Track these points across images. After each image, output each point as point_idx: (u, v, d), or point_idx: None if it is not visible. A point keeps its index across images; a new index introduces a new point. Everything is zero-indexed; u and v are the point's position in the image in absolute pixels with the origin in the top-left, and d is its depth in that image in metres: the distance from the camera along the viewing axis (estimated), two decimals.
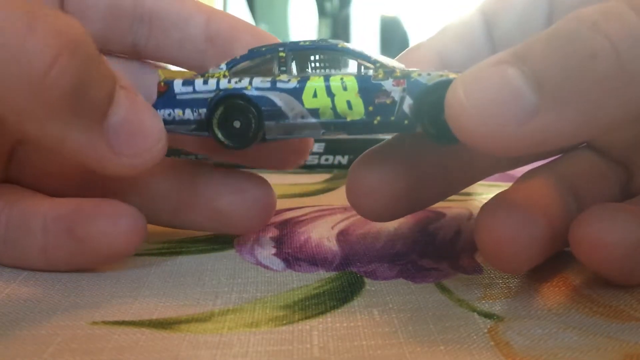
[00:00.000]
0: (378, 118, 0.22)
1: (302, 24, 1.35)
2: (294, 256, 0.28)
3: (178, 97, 0.23)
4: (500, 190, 0.26)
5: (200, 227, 0.28)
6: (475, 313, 0.22)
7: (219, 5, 1.28)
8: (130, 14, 0.28)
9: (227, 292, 0.24)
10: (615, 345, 0.20)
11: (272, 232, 0.31)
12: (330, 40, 0.24)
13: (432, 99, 0.22)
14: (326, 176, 0.44)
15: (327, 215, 0.33)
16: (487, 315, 0.22)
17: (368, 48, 0.30)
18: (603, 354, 0.19)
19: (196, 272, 0.25)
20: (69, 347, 0.19)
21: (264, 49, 0.24)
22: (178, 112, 0.23)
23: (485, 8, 0.28)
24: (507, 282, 0.25)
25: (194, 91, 0.23)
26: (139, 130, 0.21)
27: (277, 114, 0.23)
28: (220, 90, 0.23)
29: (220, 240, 0.29)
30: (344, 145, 0.46)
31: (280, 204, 0.36)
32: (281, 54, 0.23)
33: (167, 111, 0.23)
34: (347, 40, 1.37)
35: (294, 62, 0.24)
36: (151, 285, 0.24)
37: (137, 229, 0.24)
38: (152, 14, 0.28)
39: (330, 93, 0.22)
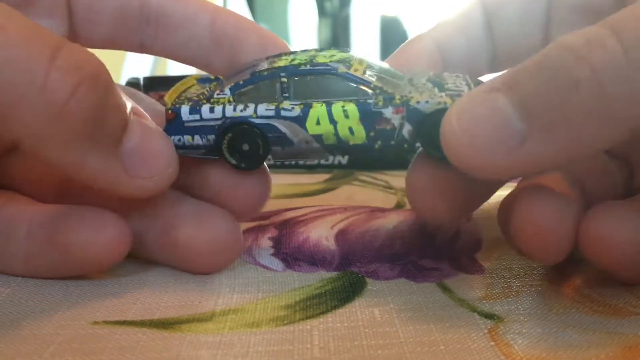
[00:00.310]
0: (379, 142, 0.23)
1: (302, 24, 1.35)
2: (293, 256, 0.28)
3: (186, 124, 0.24)
4: (501, 190, 0.26)
5: (154, 256, 0.26)
6: (476, 313, 0.22)
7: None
8: (137, 15, 0.28)
9: (229, 293, 0.24)
10: (614, 339, 0.20)
11: (272, 232, 0.31)
12: (331, 63, 0.24)
13: (430, 126, 0.23)
14: (326, 176, 0.44)
15: (327, 215, 0.33)
16: (488, 316, 0.22)
17: (368, 49, 0.30)
18: (603, 348, 0.19)
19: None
20: (70, 347, 0.19)
21: (265, 72, 0.24)
22: (187, 138, 0.24)
23: (486, 0, 0.29)
24: (508, 282, 0.25)
25: (201, 119, 0.24)
26: (151, 155, 0.22)
27: (283, 140, 0.24)
28: (227, 118, 0.23)
29: None
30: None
31: (280, 204, 0.36)
32: (283, 79, 0.24)
33: (177, 137, 0.24)
34: (347, 40, 1.37)
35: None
36: (152, 285, 0.24)
37: (122, 238, 0.23)
38: (158, 14, 0.28)
39: (332, 120, 0.23)
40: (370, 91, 0.23)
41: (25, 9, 0.26)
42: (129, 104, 0.22)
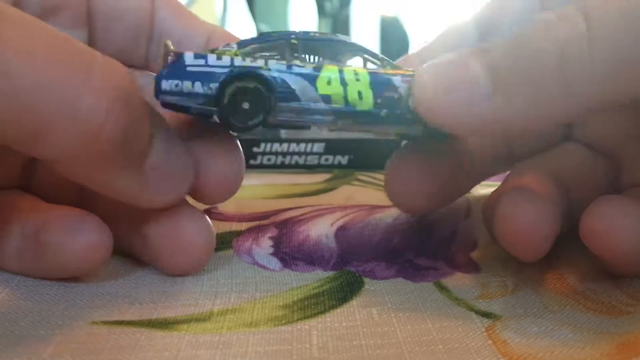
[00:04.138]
0: (385, 111, 0.23)
1: (302, 24, 1.35)
2: (291, 255, 0.28)
3: (188, 68, 0.22)
4: (490, 189, 0.26)
5: (137, 253, 0.26)
6: (473, 312, 0.22)
7: (219, 6, 1.28)
8: (147, 32, 0.28)
9: (227, 292, 0.24)
10: (608, 339, 0.20)
11: (272, 232, 0.31)
12: (339, 35, 0.24)
13: None
14: (326, 176, 0.44)
15: (327, 214, 0.33)
16: (485, 314, 0.22)
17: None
18: (597, 348, 0.19)
19: (195, 272, 0.25)
20: (68, 347, 0.19)
21: (275, 34, 0.24)
22: (187, 84, 0.22)
23: (479, 19, 0.30)
24: (504, 281, 0.25)
25: (206, 64, 0.22)
26: (172, 170, 0.22)
27: (290, 96, 0.23)
28: (235, 67, 0.22)
29: (219, 240, 0.29)
30: (344, 145, 0.46)
31: (280, 204, 0.36)
32: (293, 41, 0.23)
33: (175, 82, 0.22)
34: None
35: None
36: (150, 285, 0.24)
37: (98, 245, 0.23)
38: (162, 32, 0.28)
39: (343, 82, 0.23)
40: (377, 61, 0.24)
41: (47, 19, 0.25)
42: (152, 113, 0.22)
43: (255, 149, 0.46)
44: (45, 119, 0.18)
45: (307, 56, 0.24)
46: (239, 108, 0.22)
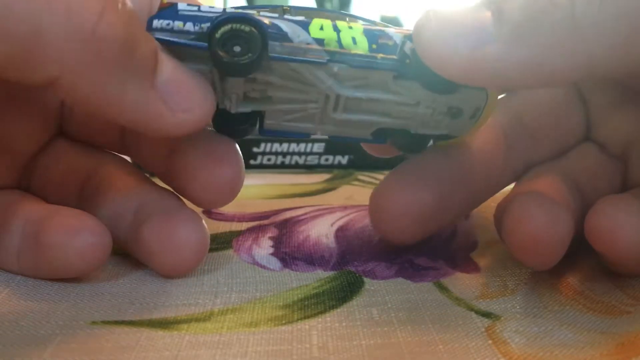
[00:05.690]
0: (381, 54, 0.23)
1: None
2: (291, 255, 0.28)
3: (180, 12, 0.22)
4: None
5: (133, 254, 0.25)
6: (473, 312, 0.22)
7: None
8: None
9: (227, 292, 0.24)
10: (608, 339, 0.20)
11: (272, 232, 0.31)
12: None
13: None
14: (326, 176, 0.44)
15: (327, 214, 0.34)
16: (485, 314, 0.22)
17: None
18: (597, 348, 0.19)
19: (195, 272, 0.25)
20: (68, 347, 0.19)
21: (267, 5, 0.24)
22: (178, 23, 0.22)
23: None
24: (504, 281, 0.25)
25: (199, 10, 0.22)
26: (187, 86, 0.21)
27: (282, 37, 0.22)
28: (228, 12, 0.22)
29: (219, 240, 0.29)
30: (344, 145, 0.46)
31: (280, 204, 0.36)
32: (285, 8, 0.23)
33: (166, 22, 0.22)
34: None
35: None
36: (150, 285, 0.24)
37: (95, 247, 0.23)
38: None
39: (336, 29, 0.23)
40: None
41: None
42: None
43: (255, 149, 0.46)
44: (39, 22, 0.18)
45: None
46: (229, 49, 0.22)
